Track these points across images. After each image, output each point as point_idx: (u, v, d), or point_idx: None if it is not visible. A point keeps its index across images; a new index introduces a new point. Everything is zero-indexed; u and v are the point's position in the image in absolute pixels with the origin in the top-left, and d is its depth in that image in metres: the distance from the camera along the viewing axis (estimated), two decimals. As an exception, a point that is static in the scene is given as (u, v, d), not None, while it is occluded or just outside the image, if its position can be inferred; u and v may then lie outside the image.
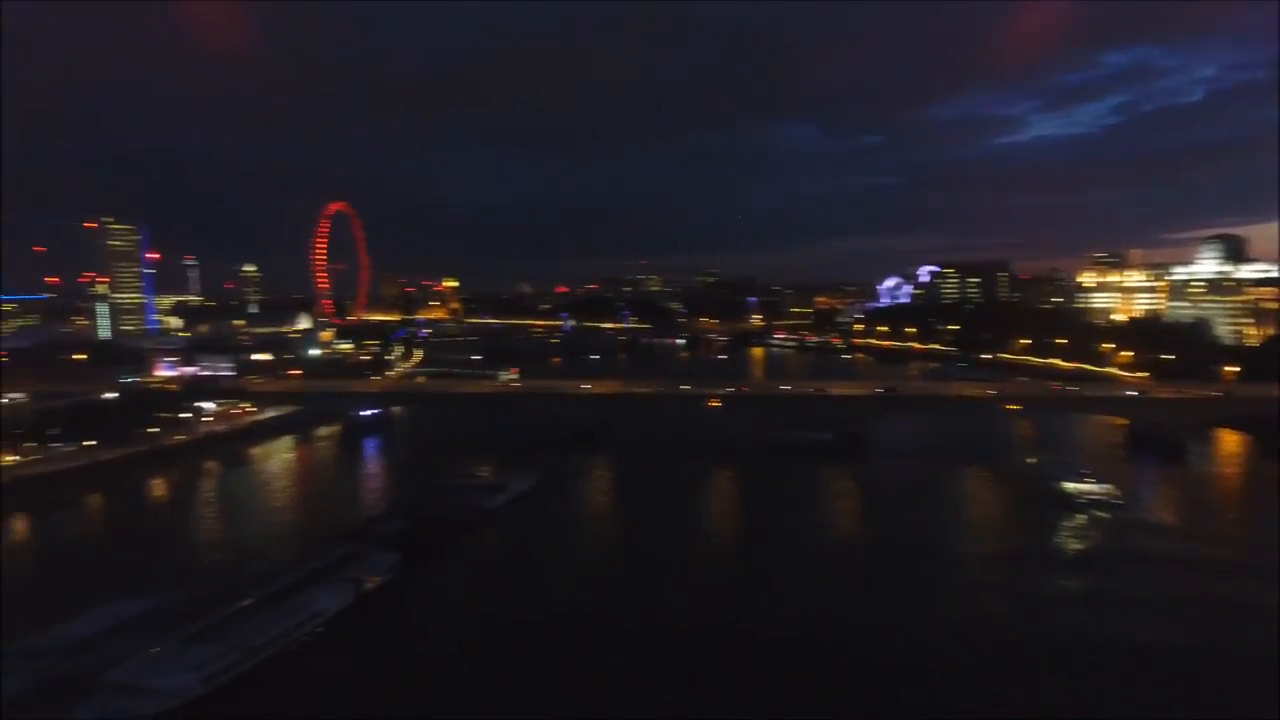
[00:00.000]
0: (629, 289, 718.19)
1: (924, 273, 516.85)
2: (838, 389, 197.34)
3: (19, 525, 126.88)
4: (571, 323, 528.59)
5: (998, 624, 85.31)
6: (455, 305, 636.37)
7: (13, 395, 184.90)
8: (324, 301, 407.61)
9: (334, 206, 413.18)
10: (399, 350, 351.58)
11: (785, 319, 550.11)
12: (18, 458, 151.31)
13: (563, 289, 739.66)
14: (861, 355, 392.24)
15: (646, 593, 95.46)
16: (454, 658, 79.76)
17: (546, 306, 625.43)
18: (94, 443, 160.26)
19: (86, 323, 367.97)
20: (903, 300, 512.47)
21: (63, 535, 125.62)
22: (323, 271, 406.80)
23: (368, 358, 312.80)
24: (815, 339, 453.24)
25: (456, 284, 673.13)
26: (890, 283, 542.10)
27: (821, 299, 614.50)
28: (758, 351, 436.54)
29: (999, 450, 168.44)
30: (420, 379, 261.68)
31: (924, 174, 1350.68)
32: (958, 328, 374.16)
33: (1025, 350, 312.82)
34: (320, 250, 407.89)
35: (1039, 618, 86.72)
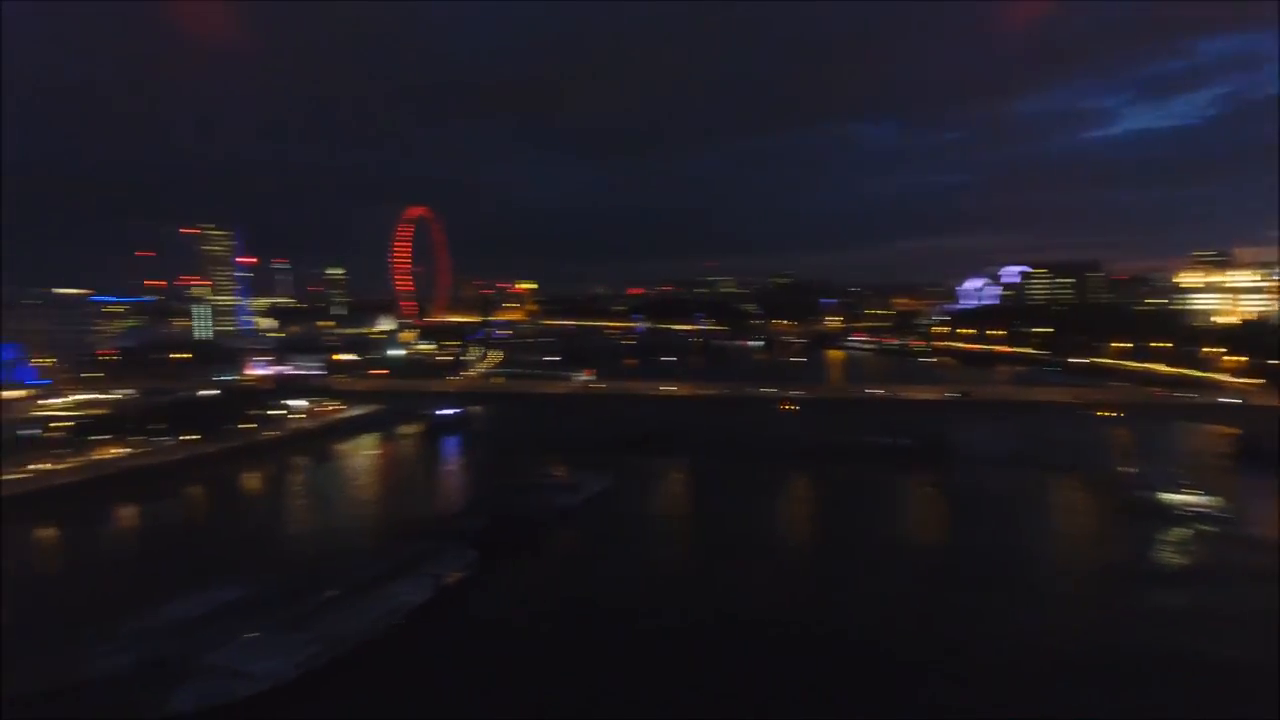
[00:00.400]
0: (702, 290, 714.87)
1: (1010, 273, 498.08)
2: (919, 393, 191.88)
3: (128, 513, 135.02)
4: (645, 324, 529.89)
5: (1088, 638, 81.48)
6: (531, 307, 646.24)
7: (124, 391, 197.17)
8: (406, 303, 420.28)
9: (415, 211, 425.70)
10: (477, 351, 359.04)
11: (863, 321, 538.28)
12: (128, 450, 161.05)
13: (636, 290, 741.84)
14: (944, 358, 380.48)
15: (720, 594, 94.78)
16: (529, 655, 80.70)
17: (620, 308, 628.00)
18: (194, 437, 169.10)
19: (186, 324, 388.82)
20: (987, 301, 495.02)
21: (166, 523, 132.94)
22: (404, 274, 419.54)
23: (447, 358, 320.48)
24: (894, 341, 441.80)
25: (532, 286, 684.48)
26: (973, 283, 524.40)
27: (900, 300, 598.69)
28: (834, 354, 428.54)
29: (1093, 458, 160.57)
30: (497, 379, 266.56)
31: (1007, 171, 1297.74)
32: (1047, 330, 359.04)
33: (1121, 354, 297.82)
34: (402, 254, 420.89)
35: (1131, 632, 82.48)
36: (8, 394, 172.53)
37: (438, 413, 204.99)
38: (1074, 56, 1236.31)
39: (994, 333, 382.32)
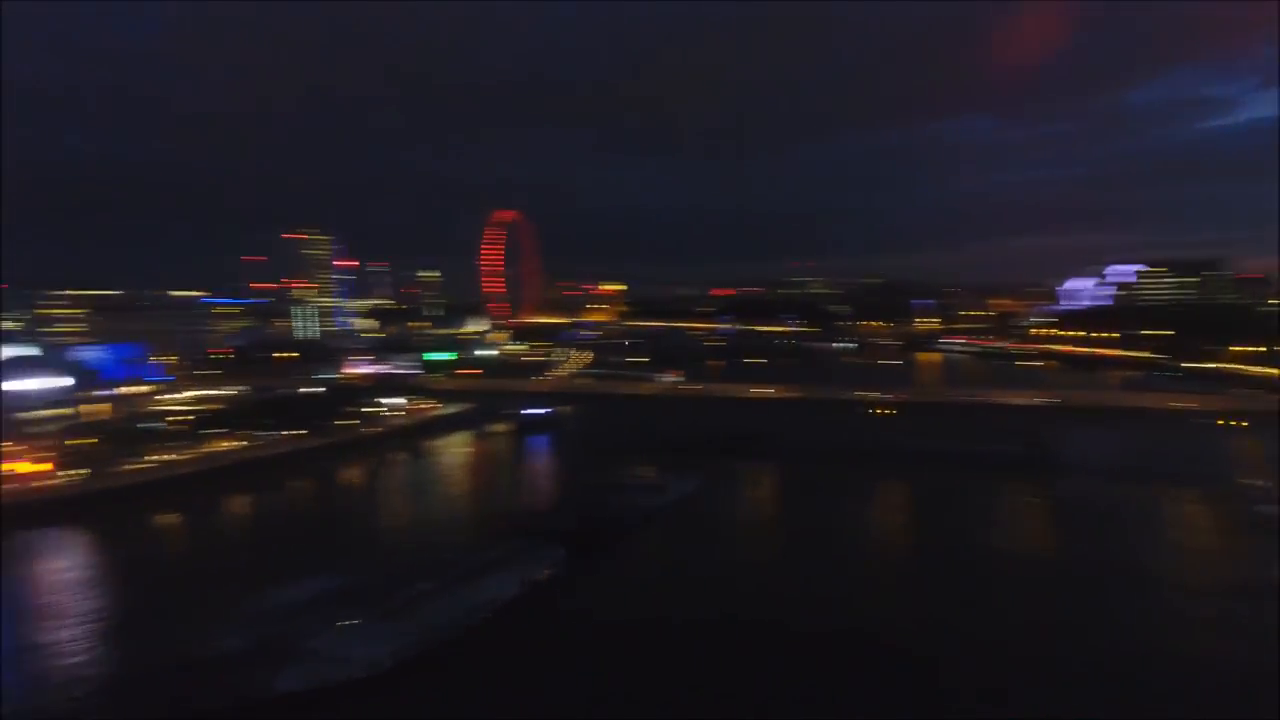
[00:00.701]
0: (791, 291, 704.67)
1: (1121, 271, 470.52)
2: (1019, 398, 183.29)
3: (239, 503, 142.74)
4: (732, 325, 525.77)
5: (1206, 661, 75.77)
6: (618, 308, 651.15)
7: (235, 388, 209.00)
8: (497, 305, 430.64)
9: (506, 214, 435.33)
10: (565, 352, 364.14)
11: (958, 322, 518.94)
12: (239, 444, 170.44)
13: (723, 291, 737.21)
14: (1047, 362, 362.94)
15: (807, 599, 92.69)
16: (613, 653, 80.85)
17: (707, 309, 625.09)
18: (299, 432, 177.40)
19: (291, 324, 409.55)
20: (1094, 302, 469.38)
21: (273, 514, 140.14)
22: (496, 276, 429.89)
23: (536, 359, 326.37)
24: (992, 344, 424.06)
25: (619, 287, 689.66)
26: (1078, 283, 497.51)
27: (998, 301, 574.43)
28: (928, 356, 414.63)
29: (1214, 470, 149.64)
30: (586, 380, 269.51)
31: (1115, 165, 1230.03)
32: (1163, 332, 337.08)
33: (1245, 359, 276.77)
34: (493, 256, 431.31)
35: (1255, 655, 76.14)
36: (132, 390, 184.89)
37: (527, 412, 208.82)
38: (1190, 42, 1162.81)
39: (1103, 335, 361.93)
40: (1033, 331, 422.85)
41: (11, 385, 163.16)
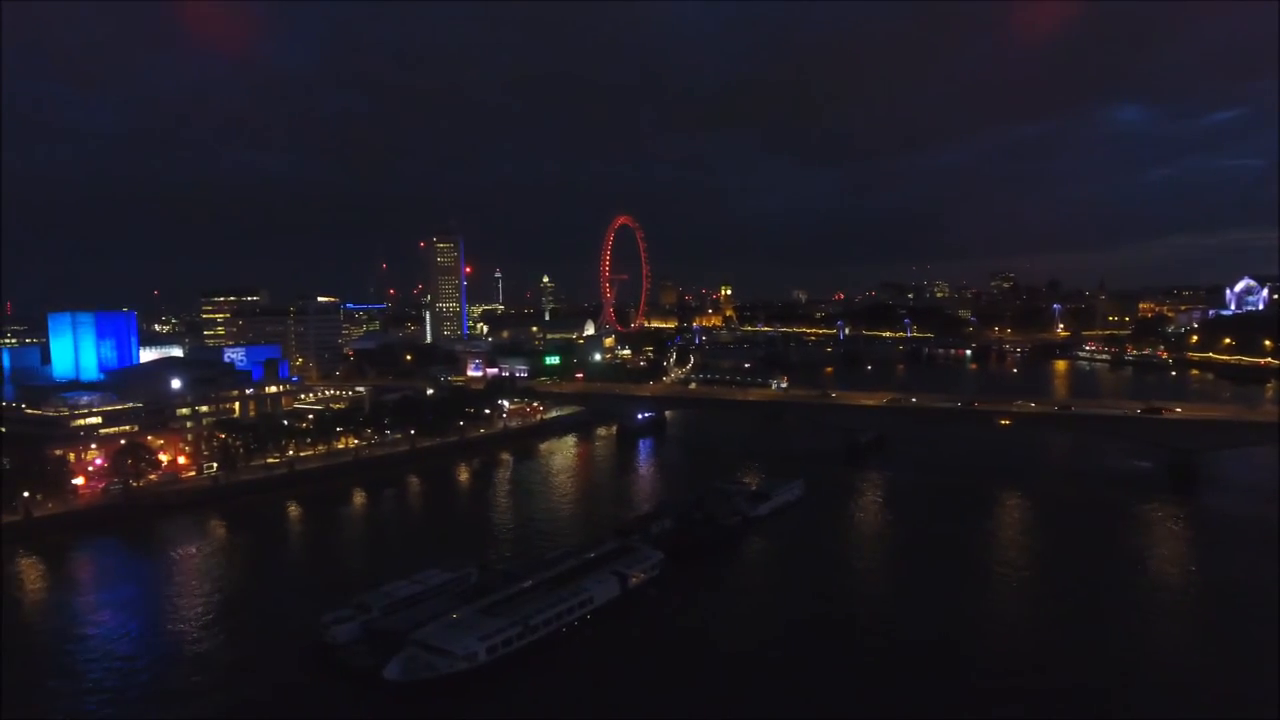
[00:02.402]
0: (912, 295, 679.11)
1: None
2: (1163, 410, 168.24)
3: (358, 498, 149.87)
4: (847, 330, 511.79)
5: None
6: (730, 312, 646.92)
7: (358, 389, 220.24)
8: (608, 310, 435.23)
9: (620, 220, 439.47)
10: (674, 356, 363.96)
11: (1097, 328, 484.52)
12: (361, 442, 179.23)
13: (840, 296, 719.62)
14: (1198, 371, 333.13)
15: (910, 615, 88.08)
16: (708, 658, 79.43)
17: (822, 314, 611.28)
18: (415, 432, 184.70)
19: (414, 328, 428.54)
20: (1258, 306, 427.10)
21: (388, 509, 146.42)
22: (608, 281, 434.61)
23: (644, 363, 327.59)
24: (1136, 352, 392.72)
25: (731, 291, 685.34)
26: (1241, 285, 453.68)
27: (1146, 305, 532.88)
28: (1061, 365, 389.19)
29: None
30: (693, 385, 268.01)
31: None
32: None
33: None
34: (606, 261, 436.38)
35: None
36: (267, 390, 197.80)
37: (634, 416, 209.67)
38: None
39: (1268, 343, 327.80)
40: (1189, 339, 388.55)
41: (163, 383, 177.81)
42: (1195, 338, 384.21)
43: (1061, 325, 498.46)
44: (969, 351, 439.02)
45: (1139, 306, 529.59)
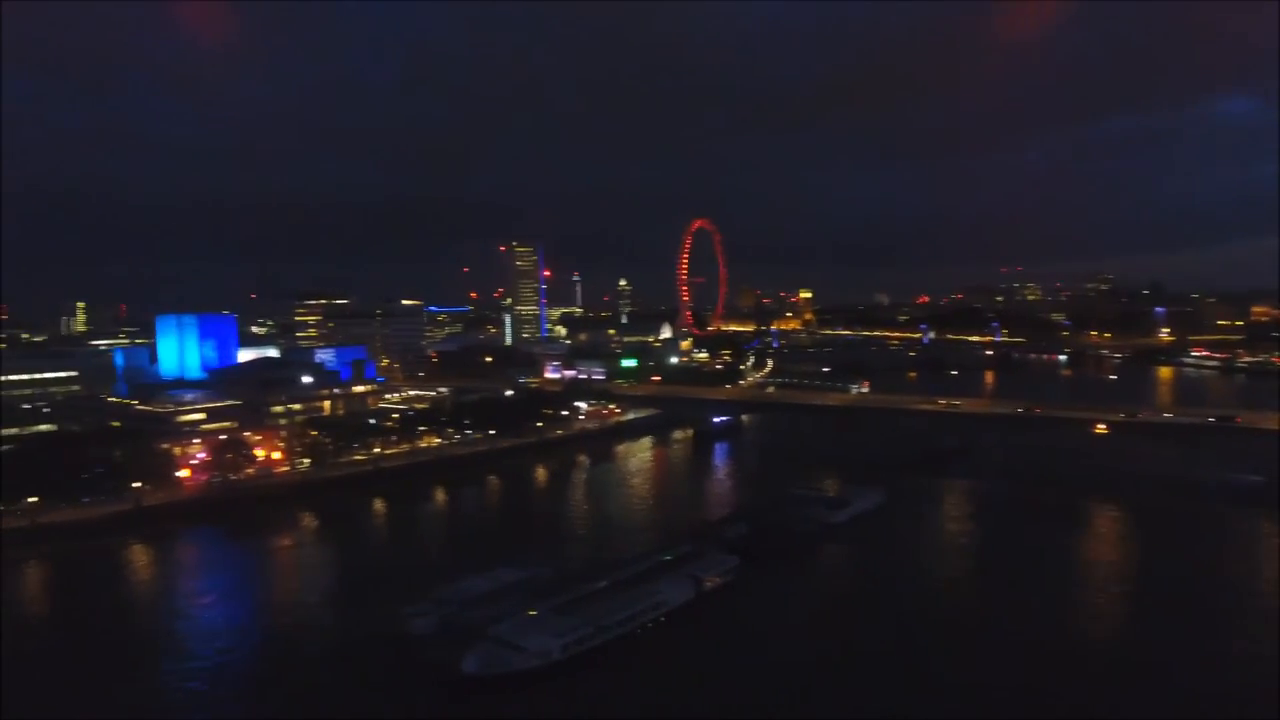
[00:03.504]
0: (1000, 298, 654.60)
1: None
2: (1236, 418, 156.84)
3: (438, 495, 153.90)
4: (931, 335, 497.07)
5: None
6: (809, 316, 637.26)
7: (440, 389, 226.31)
8: (685, 313, 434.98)
9: (697, 223, 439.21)
10: (751, 360, 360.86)
11: (1205, 333, 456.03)
12: (442, 441, 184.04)
13: (924, 299, 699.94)
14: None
15: (994, 632, 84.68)
16: (780, 664, 78.35)
17: (904, 317, 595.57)
18: (494, 432, 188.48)
19: (494, 331, 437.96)
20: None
21: (467, 507, 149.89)
22: (685, 285, 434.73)
23: (721, 367, 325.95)
24: (1249, 358, 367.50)
25: (810, 295, 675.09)
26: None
27: (1260, 309, 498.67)
28: (1165, 371, 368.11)
29: None
30: (770, 389, 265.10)
31: None
32: None
33: None
34: (684, 265, 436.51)
35: None
36: (354, 389, 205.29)
37: (710, 419, 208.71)
38: None
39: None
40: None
41: (260, 382, 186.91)
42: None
43: (1166, 329, 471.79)
44: (1062, 357, 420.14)
45: (1251, 310, 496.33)
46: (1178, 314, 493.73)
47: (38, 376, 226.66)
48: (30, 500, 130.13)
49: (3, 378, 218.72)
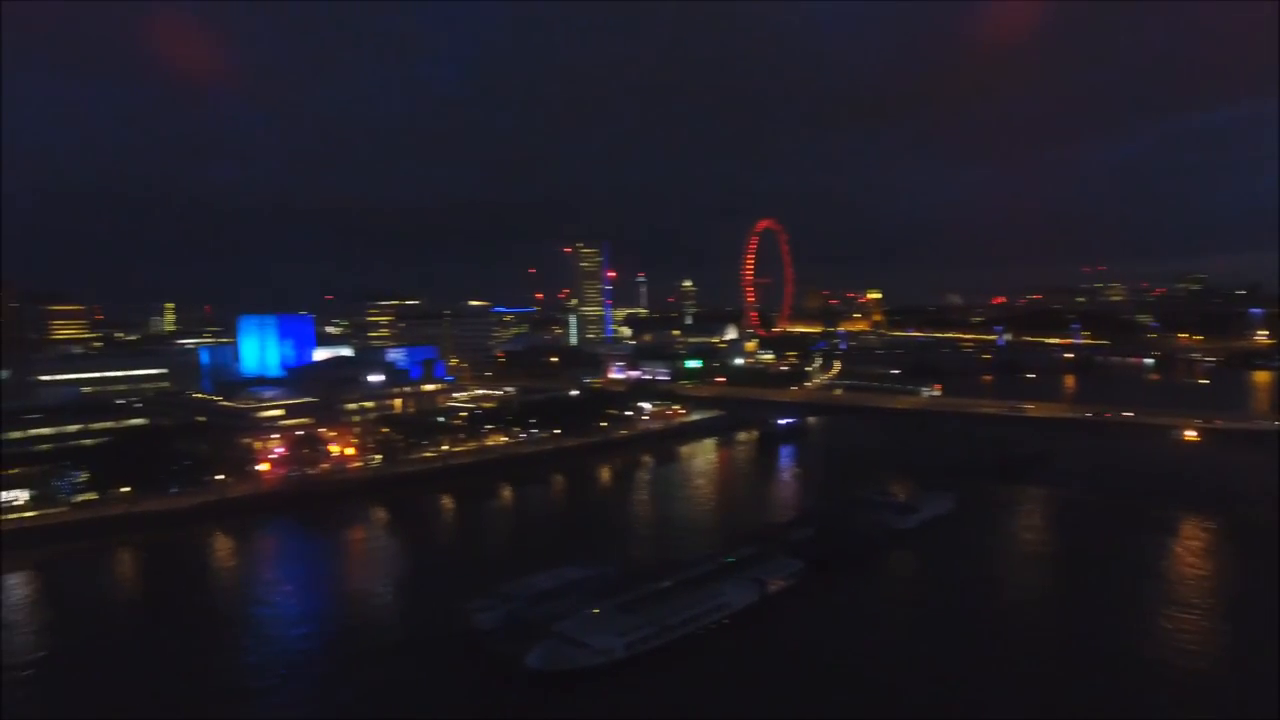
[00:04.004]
0: (1082, 299, 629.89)
1: None
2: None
3: (504, 492, 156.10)
4: (1006, 336, 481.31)
5: None
6: (878, 317, 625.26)
7: (506, 389, 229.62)
8: (750, 314, 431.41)
9: (762, 224, 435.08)
10: (818, 362, 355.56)
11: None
12: (508, 439, 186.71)
13: (999, 300, 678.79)
14: None
15: (1063, 647, 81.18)
16: (842, 671, 77.00)
17: (978, 319, 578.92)
18: (559, 432, 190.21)
19: (560, 331, 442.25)
20: None
21: (532, 504, 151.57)
22: (750, 286, 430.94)
23: (786, 368, 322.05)
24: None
25: (879, 296, 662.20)
26: None
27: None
28: (1262, 376, 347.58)
29: None
30: (837, 391, 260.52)
31: None
32: None
33: None
34: (749, 266, 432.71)
35: None
36: (427, 388, 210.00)
37: (775, 421, 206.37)
38: None
39: None
40: None
41: (334, 380, 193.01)
42: None
43: (1264, 332, 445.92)
44: (1149, 360, 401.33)
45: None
46: (1277, 315, 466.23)
47: (130, 373, 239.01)
48: (123, 490, 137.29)
49: (100, 375, 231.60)
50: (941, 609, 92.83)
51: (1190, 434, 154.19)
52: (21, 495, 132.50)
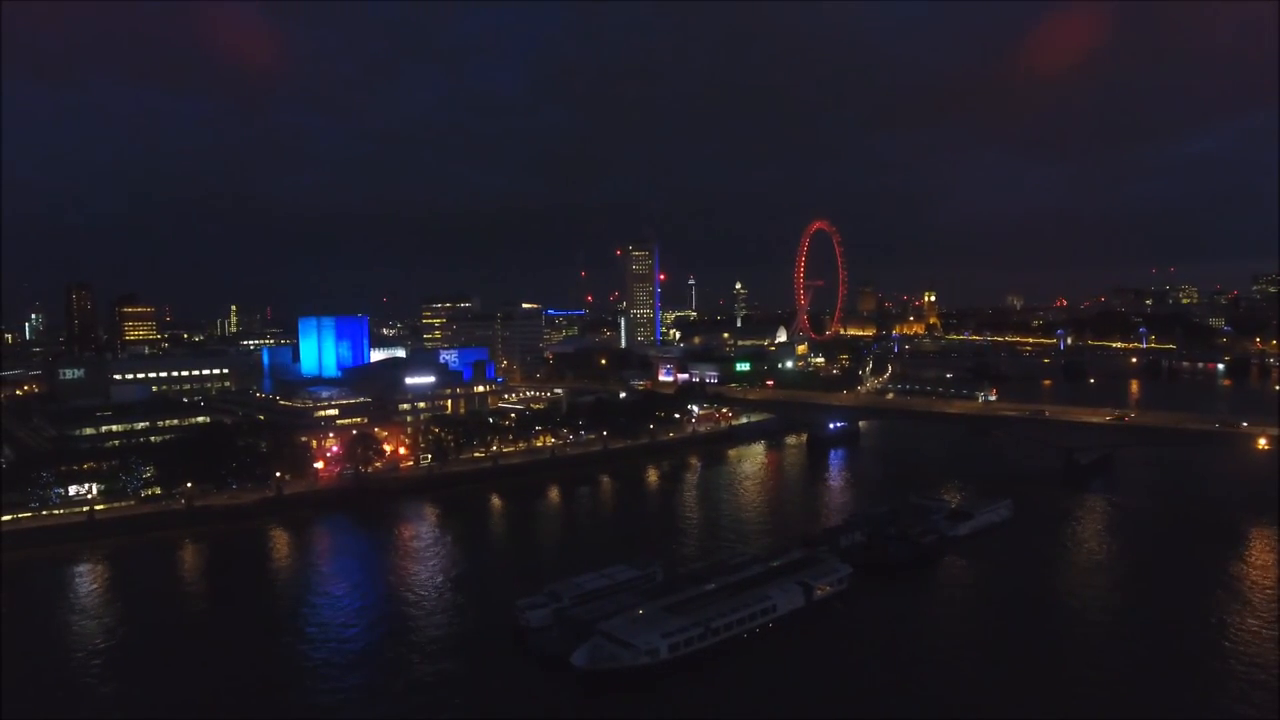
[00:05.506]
0: (1150, 301, 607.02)
1: None
2: None
3: (553, 493, 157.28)
4: (1069, 340, 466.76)
5: None
6: (933, 319, 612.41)
7: (556, 390, 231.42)
8: (802, 316, 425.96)
9: (816, 224, 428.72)
10: (871, 365, 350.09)
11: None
12: (557, 441, 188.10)
13: (1061, 302, 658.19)
14: None
15: (1118, 665, 78.13)
16: (890, 680, 75.42)
17: (1039, 322, 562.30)
18: (608, 433, 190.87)
19: (610, 334, 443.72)
20: None
21: (580, 505, 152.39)
22: (802, 288, 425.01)
23: (838, 372, 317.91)
24: None
25: (934, 297, 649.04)
26: None
27: None
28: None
29: None
30: (890, 395, 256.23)
31: None
32: None
33: None
34: (801, 267, 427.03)
35: None
36: (479, 389, 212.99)
37: (825, 425, 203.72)
38: None
39: None
40: None
41: (389, 380, 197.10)
42: None
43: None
44: (1221, 365, 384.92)
45: None
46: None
47: (195, 373, 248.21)
48: (186, 485, 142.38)
49: (168, 374, 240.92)
50: (992, 622, 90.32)
51: (1263, 443, 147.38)
52: (94, 489, 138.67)
